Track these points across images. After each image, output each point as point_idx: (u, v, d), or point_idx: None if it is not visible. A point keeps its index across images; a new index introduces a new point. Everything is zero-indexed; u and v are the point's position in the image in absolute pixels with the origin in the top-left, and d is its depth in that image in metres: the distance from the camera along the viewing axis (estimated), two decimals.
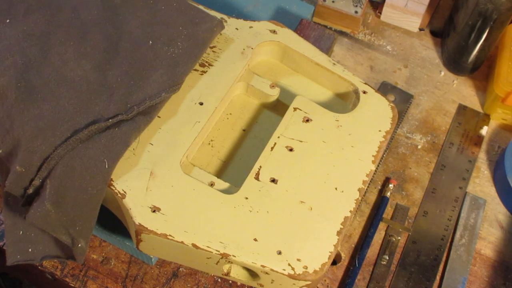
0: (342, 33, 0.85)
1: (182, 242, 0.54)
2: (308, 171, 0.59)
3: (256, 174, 0.59)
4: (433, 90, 0.82)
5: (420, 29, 0.87)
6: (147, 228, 0.54)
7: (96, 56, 0.60)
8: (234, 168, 0.63)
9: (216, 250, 0.54)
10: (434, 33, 0.87)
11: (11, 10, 0.62)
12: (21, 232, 0.57)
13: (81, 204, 0.54)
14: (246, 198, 0.57)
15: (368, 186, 0.73)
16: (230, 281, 0.66)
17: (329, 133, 0.62)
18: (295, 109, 0.63)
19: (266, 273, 0.55)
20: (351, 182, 0.60)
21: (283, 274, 0.54)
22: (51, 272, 0.65)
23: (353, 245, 0.69)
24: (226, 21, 0.68)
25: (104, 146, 0.55)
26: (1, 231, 0.66)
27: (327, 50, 0.77)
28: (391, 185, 0.72)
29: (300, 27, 0.79)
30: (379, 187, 0.73)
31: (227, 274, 0.58)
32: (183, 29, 0.63)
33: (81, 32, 0.62)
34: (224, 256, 0.54)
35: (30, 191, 0.54)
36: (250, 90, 0.66)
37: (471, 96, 0.82)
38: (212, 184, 0.59)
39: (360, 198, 0.59)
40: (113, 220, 0.62)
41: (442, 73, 0.84)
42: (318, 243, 0.56)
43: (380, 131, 0.63)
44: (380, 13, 0.87)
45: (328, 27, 0.86)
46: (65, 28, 0.61)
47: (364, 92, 0.65)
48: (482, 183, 0.75)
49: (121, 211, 0.58)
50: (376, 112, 0.64)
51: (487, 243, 0.71)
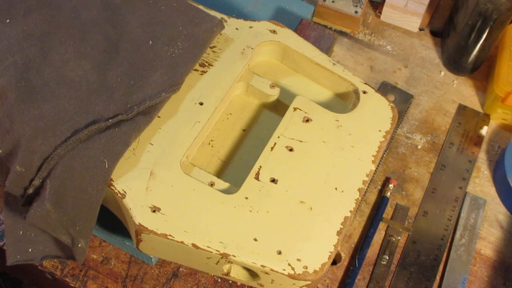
0: (342, 33, 0.85)
1: (182, 242, 0.54)
2: (308, 171, 0.59)
3: (256, 174, 0.59)
4: (433, 90, 0.82)
5: (420, 29, 0.87)
6: (147, 228, 0.54)
7: (96, 56, 0.60)
8: (234, 168, 0.63)
9: (216, 250, 0.54)
10: (434, 33, 0.87)
11: (11, 10, 0.62)
12: (21, 232, 0.57)
13: (81, 204, 0.54)
14: (246, 198, 0.57)
15: (368, 186, 0.73)
16: (230, 281, 0.66)
17: (329, 133, 0.62)
18: (295, 109, 0.63)
19: (266, 273, 0.55)
20: (351, 182, 0.60)
21: (283, 274, 0.54)
22: (51, 272, 0.65)
23: (353, 245, 0.69)
24: (226, 21, 0.68)
25: (104, 146, 0.55)
26: (1, 231, 0.66)
27: (327, 50, 0.77)
28: (391, 185, 0.72)
29: (300, 27, 0.79)
30: (379, 187, 0.73)
31: (227, 274, 0.58)
32: (183, 29, 0.63)
33: (81, 32, 0.62)
34: (224, 256, 0.54)
35: (30, 191, 0.54)
36: (250, 90, 0.66)
37: (471, 96, 0.82)
38: (212, 184, 0.59)
39: (360, 198, 0.59)
40: (113, 220, 0.62)
41: (442, 73, 0.84)
42: (318, 243, 0.56)
43: (380, 131, 0.63)
44: (380, 13, 0.87)
45: (328, 27, 0.86)
46: (65, 28, 0.61)
47: (364, 92, 0.65)
48: (482, 183, 0.75)
49: (121, 211, 0.58)
50: (376, 112, 0.64)
51: (487, 243, 0.71)
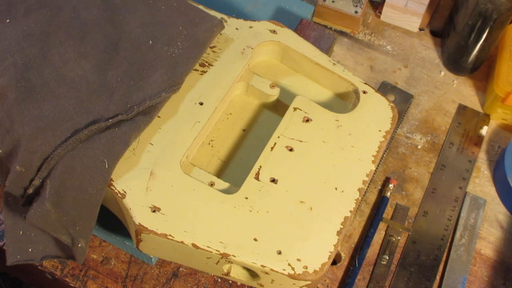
0: (342, 33, 0.85)
1: (182, 242, 0.54)
2: (308, 171, 0.59)
3: (256, 174, 0.59)
4: (433, 90, 0.82)
5: (420, 29, 0.87)
6: (147, 228, 0.54)
7: (96, 56, 0.60)
8: (234, 168, 0.63)
9: (216, 250, 0.54)
10: (434, 33, 0.87)
11: (11, 10, 0.62)
12: (21, 232, 0.57)
13: (81, 204, 0.54)
14: (246, 198, 0.57)
15: (368, 186, 0.73)
16: (230, 281, 0.66)
17: (329, 133, 0.62)
18: (295, 109, 0.63)
19: (266, 273, 0.55)
20: (351, 182, 0.60)
21: (283, 274, 0.54)
22: (51, 272, 0.65)
23: (353, 245, 0.69)
24: (226, 21, 0.68)
25: (104, 146, 0.55)
26: (1, 231, 0.66)
27: (327, 50, 0.77)
28: (391, 185, 0.72)
29: (300, 27, 0.79)
30: (379, 187, 0.73)
31: (227, 274, 0.58)
32: (183, 29, 0.63)
33: (81, 32, 0.62)
34: (224, 256, 0.54)
35: (30, 191, 0.54)
36: (250, 90, 0.66)
37: (471, 96, 0.82)
38: (212, 184, 0.59)
39: (360, 198, 0.59)
40: (113, 220, 0.62)
41: (442, 73, 0.84)
42: (318, 243, 0.56)
43: (380, 131, 0.63)
44: (380, 13, 0.87)
45: (328, 27, 0.86)
46: (65, 28, 0.61)
47: (364, 92, 0.65)
48: (482, 183, 0.75)
49: (121, 211, 0.58)
50: (376, 112, 0.64)
51: (487, 243, 0.71)
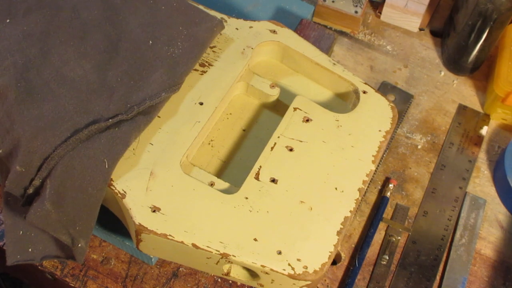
0: (342, 33, 0.85)
1: (182, 242, 0.54)
2: (308, 171, 0.59)
3: (256, 174, 0.59)
4: (433, 90, 0.82)
5: (420, 29, 0.87)
6: (147, 228, 0.54)
7: (96, 56, 0.60)
8: (234, 168, 0.63)
9: (216, 250, 0.54)
10: (434, 33, 0.87)
11: (11, 10, 0.61)
12: (21, 232, 0.57)
13: (81, 204, 0.54)
14: (246, 198, 0.57)
15: (368, 186, 0.73)
16: (230, 281, 0.66)
17: (329, 133, 0.62)
18: (295, 109, 0.63)
19: (266, 273, 0.55)
20: (351, 182, 0.60)
21: (283, 274, 0.54)
22: (51, 272, 0.65)
23: (353, 245, 0.69)
24: (226, 21, 0.68)
25: (104, 146, 0.55)
26: (1, 231, 0.66)
27: (327, 50, 0.77)
28: (391, 185, 0.72)
29: (300, 27, 0.79)
30: (379, 187, 0.73)
31: (227, 274, 0.58)
32: (183, 29, 0.63)
33: (81, 32, 0.62)
34: (224, 256, 0.54)
35: (30, 191, 0.54)
36: (250, 90, 0.66)
37: (471, 96, 0.82)
38: (212, 184, 0.59)
39: (360, 198, 0.59)
40: (113, 220, 0.62)
41: (442, 73, 0.84)
42: (318, 243, 0.56)
43: (380, 131, 0.63)
44: (380, 13, 0.87)
45: (328, 27, 0.86)
46: (65, 28, 0.61)
47: (364, 92, 0.65)
48: (482, 183, 0.75)
49: (121, 211, 0.58)
50: (376, 112, 0.64)
51: (487, 243, 0.71)
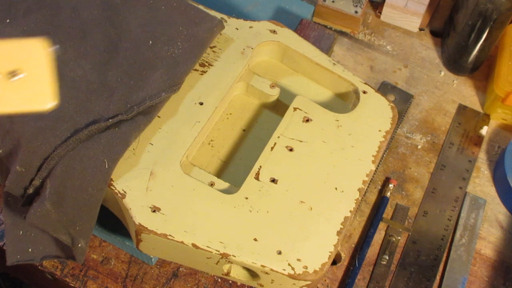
0: (342, 33, 0.85)
1: (182, 242, 0.54)
2: (308, 171, 0.59)
3: (256, 174, 0.59)
4: (433, 90, 0.82)
5: (420, 29, 0.87)
6: (147, 228, 0.54)
7: (96, 56, 0.60)
8: (234, 168, 0.63)
9: (216, 250, 0.54)
10: (434, 33, 0.87)
11: (11, 10, 0.61)
12: (21, 232, 0.57)
13: (81, 204, 0.54)
14: (246, 198, 0.57)
15: (368, 186, 0.73)
16: (230, 281, 0.66)
17: (329, 133, 0.62)
18: (295, 109, 0.63)
19: (266, 273, 0.55)
20: (351, 182, 0.60)
21: (283, 274, 0.54)
22: (51, 272, 0.65)
23: (353, 245, 0.69)
24: (226, 21, 0.68)
25: (104, 146, 0.55)
26: (1, 231, 0.66)
27: (327, 50, 0.77)
28: (391, 185, 0.72)
29: (300, 27, 0.79)
30: (379, 187, 0.73)
31: (227, 274, 0.58)
32: (183, 29, 0.63)
33: (81, 32, 0.62)
34: (224, 256, 0.54)
35: (30, 191, 0.54)
36: (250, 90, 0.66)
37: (471, 96, 0.82)
38: (212, 184, 0.59)
39: (360, 198, 0.59)
40: (113, 220, 0.62)
41: (442, 73, 0.84)
42: (318, 243, 0.56)
43: (380, 131, 0.63)
44: (380, 13, 0.87)
45: (328, 27, 0.86)
46: (65, 28, 0.61)
47: (364, 92, 0.65)
48: (482, 183, 0.75)
49: (121, 211, 0.58)
50: (376, 112, 0.64)
51: (487, 243, 0.71)
